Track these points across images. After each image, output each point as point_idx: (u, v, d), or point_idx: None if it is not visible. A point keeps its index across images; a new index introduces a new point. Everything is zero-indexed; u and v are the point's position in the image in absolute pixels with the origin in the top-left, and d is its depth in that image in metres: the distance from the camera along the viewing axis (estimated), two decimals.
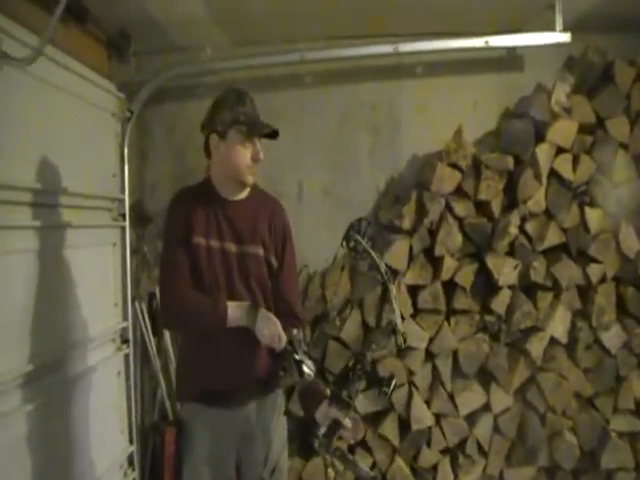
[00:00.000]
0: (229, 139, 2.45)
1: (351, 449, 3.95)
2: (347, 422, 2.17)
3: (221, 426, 2.48)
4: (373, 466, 3.97)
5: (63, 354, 3.05)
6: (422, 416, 3.90)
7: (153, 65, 3.94)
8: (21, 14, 2.73)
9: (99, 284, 3.55)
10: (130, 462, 3.79)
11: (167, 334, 4.06)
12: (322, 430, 2.18)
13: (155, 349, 4.01)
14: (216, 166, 2.53)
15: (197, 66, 3.94)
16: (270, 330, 2.31)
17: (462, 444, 3.98)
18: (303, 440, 3.94)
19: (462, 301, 3.92)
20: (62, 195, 3.12)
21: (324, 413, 2.23)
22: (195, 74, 4.02)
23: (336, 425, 2.15)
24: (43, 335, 2.85)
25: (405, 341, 2.20)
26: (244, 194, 2.56)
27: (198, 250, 2.44)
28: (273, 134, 2.51)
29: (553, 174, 3.91)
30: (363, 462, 3.93)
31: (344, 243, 2.28)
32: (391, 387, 2.15)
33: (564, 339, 3.92)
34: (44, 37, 2.56)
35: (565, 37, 3.71)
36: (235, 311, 2.35)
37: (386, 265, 3.31)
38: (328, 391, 2.25)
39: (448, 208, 3.95)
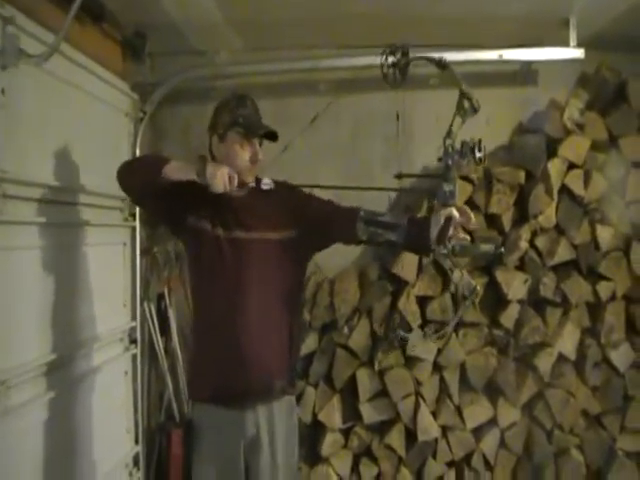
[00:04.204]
0: (228, 141, 2.48)
1: (356, 458, 3.94)
2: (455, 213, 2.16)
3: (230, 428, 2.45)
4: (378, 476, 3.95)
5: (72, 351, 3.02)
6: (429, 427, 3.87)
7: (168, 67, 3.95)
8: (37, 11, 2.74)
9: (109, 283, 3.53)
10: (135, 462, 3.74)
11: (175, 335, 4.04)
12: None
13: (163, 350, 3.99)
14: None
15: (211, 69, 3.97)
16: (221, 171, 2.27)
17: (468, 457, 3.96)
18: (309, 446, 3.93)
19: (471, 314, 3.89)
20: (74, 192, 3.12)
21: (434, 223, 2.21)
22: (209, 77, 4.03)
23: (447, 222, 2.15)
24: (52, 331, 2.84)
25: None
26: (245, 190, 2.54)
27: (203, 235, 2.47)
28: (273, 136, 2.53)
29: (564, 190, 3.91)
30: (369, 472, 3.93)
31: None
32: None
33: (572, 356, 3.91)
34: (60, 34, 2.57)
35: (578, 53, 3.74)
36: (179, 162, 2.37)
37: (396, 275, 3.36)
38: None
39: None
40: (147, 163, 2.54)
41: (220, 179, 2.25)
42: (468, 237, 2.25)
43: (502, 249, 2.26)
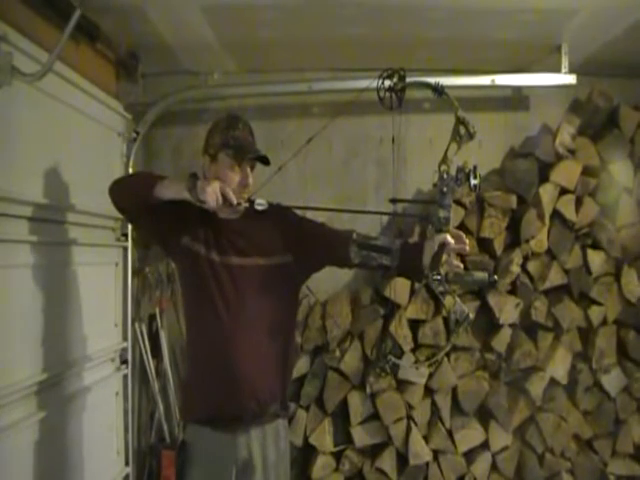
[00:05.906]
0: (219, 162, 2.45)
1: None
2: (449, 240, 2.14)
3: (223, 451, 2.40)
4: None
5: (62, 371, 2.99)
6: (420, 451, 3.84)
7: (161, 87, 3.97)
8: (31, 29, 2.75)
9: (100, 303, 3.51)
10: None
11: (166, 356, 4.02)
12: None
13: (154, 371, 3.97)
14: None
15: (205, 91, 3.99)
16: (212, 186, 2.22)
17: None
18: (300, 469, 3.90)
19: (463, 338, 3.86)
20: (66, 211, 3.11)
21: (428, 248, 2.22)
22: (202, 99, 4.04)
23: (441, 248, 2.14)
24: (43, 351, 2.81)
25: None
26: (239, 213, 2.52)
27: (197, 258, 2.44)
28: (265, 160, 2.51)
29: (556, 215, 3.93)
30: None
31: None
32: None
33: (564, 380, 3.90)
34: (54, 53, 2.57)
35: (570, 79, 3.77)
36: (173, 180, 2.35)
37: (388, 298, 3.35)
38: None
39: None
40: (139, 181, 2.52)
41: (211, 193, 2.21)
42: (461, 265, 2.25)
43: (495, 277, 2.26)
